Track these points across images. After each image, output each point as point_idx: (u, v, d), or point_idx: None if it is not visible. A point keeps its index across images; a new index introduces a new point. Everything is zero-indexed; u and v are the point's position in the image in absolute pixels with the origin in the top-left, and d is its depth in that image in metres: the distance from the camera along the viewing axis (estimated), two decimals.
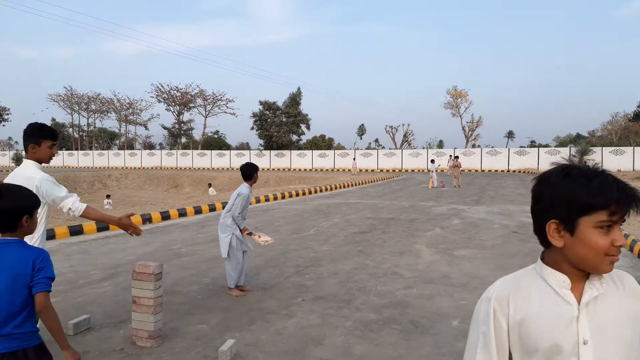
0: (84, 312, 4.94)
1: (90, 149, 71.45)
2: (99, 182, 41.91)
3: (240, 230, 5.75)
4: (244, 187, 5.76)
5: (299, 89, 56.64)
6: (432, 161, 25.58)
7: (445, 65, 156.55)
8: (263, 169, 51.89)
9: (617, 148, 41.59)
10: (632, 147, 42.13)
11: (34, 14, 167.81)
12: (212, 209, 14.75)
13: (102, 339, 4.31)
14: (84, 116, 73.23)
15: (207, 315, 4.96)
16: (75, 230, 10.08)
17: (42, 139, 3.26)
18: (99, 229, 10.57)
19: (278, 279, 6.45)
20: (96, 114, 72.79)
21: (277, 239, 9.47)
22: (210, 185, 30.47)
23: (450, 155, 38.46)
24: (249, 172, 5.79)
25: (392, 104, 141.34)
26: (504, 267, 7.05)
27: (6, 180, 3.02)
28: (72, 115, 72.63)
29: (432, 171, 24.40)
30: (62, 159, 64.69)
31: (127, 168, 57.06)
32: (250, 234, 5.84)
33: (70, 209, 3.24)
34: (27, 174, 3.16)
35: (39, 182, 3.13)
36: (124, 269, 6.94)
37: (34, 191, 2.95)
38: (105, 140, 77.63)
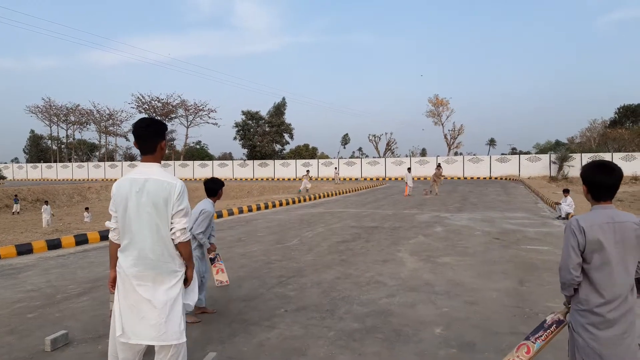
0: (62, 327, 4.83)
1: (70, 161, 70.42)
2: (78, 194, 41.27)
3: (207, 249, 5.36)
4: (207, 203, 5.24)
5: (283, 99, 56.90)
6: (409, 170, 26.14)
7: (427, 74, 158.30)
8: (246, 179, 51.71)
9: (596, 154, 42.38)
10: (610, 153, 42.99)
11: (10, 24, 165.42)
12: None
13: (80, 354, 4.21)
14: (63, 128, 72.29)
15: (188, 329, 4.85)
16: (54, 244, 9.88)
17: (165, 135, 2.96)
18: (78, 243, 10.38)
19: (260, 289, 6.39)
20: (75, 126, 71.87)
21: (260, 249, 9.41)
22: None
23: (439, 164, 38.82)
24: (214, 187, 5.28)
25: (375, 113, 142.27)
26: (486, 274, 7.09)
27: (125, 186, 2.79)
28: (50, 127, 71.74)
29: (408, 179, 24.95)
30: (41, 171, 63.63)
31: (107, 180, 56.32)
32: (213, 259, 5.59)
33: (184, 229, 2.85)
34: (166, 179, 2.81)
35: (182, 187, 2.82)
36: (103, 282, 6.81)
37: (174, 197, 2.77)
38: (85, 152, 76.63)
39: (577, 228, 2.48)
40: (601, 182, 2.53)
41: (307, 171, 33.25)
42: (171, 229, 2.83)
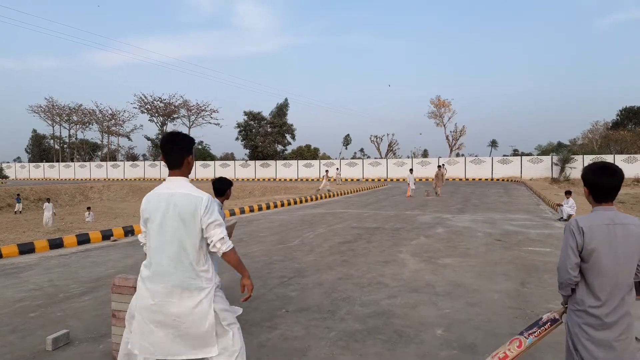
0: (63, 326, 4.84)
1: (72, 160, 70.54)
2: (80, 194, 41.35)
3: None
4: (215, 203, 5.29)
5: (286, 99, 56.88)
6: (411, 171, 26.14)
7: (429, 75, 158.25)
8: (248, 179, 51.74)
9: (598, 156, 42.29)
10: (612, 155, 42.93)
11: (13, 24, 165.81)
12: None
13: (82, 354, 4.22)
14: (65, 127, 72.40)
15: None
16: (55, 244, 9.91)
17: (193, 149, 2.93)
18: (80, 242, 10.40)
19: (262, 290, 6.40)
20: (78, 126, 71.98)
21: (262, 250, 9.42)
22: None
23: (443, 165, 38.94)
24: (222, 187, 5.19)
25: (377, 113, 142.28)
26: (487, 275, 7.09)
27: (152, 201, 2.79)
28: (53, 127, 71.81)
29: (410, 180, 24.95)
30: (43, 171, 63.75)
31: (109, 180, 56.43)
32: None
33: (222, 238, 2.80)
34: (192, 192, 2.78)
35: (208, 200, 2.78)
36: (105, 282, 6.83)
37: (202, 211, 2.74)
38: (87, 151, 76.74)
39: (577, 228, 2.49)
40: (602, 184, 2.54)
41: (327, 171, 34.08)
42: (209, 244, 2.80)
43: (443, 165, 38.68)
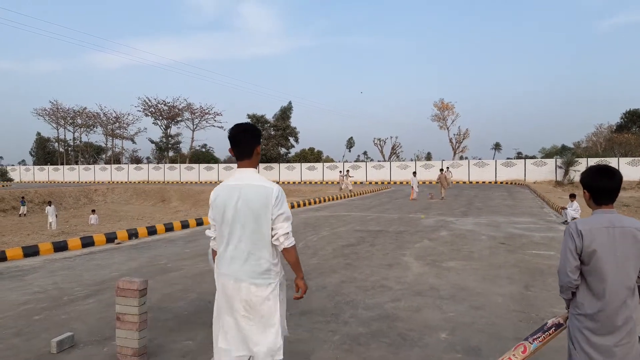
0: (68, 329, 4.85)
1: (76, 163, 70.77)
2: (84, 197, 41.47)
3: None
4: None
5: (289, 102, 57.06)
6: (414, 174, 26.18)
7: (432, 78, 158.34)
8: None
9: (602, 159, 42.17)
10: (616, 158, 42.79)
11: (16, 27, 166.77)
12: (200, 223, 14.64)
13: (86, 357, 4.23)
14: (69, 130, 72.70)
15: (193, 332, 4.89)
16: (60, 246, 9.93)
17: (260, 140, 2.91)
18: (84, 245, 10.43)
19: None
20: (82, 128, 72.26)
21: None
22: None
23: (448, 168, 38.96)
24: None
25: (380, 116, 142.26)
26: (491, 279, 7.07)
27: (222, 194, 2.76)
28: (57, 130, 72.09)
29: (414, 183, 25.00)
30: (47, 173, 64.00)
31: (113, 182, 56.58)
32: None
33: (287, 233, 2.76)
34: (263, 184, 2.73)
35: (279, 192, 2.73)
36: (109, 285, 6.84)
37: (273, 202, 2.69)
38: (92, 154, 76.96)
39: (575, 231, 2.49)
40: (602, 187, 2.53)
41: (347, 171, 34.90)
42: (274, 236, 2.75)
43: (448, 168, 38.65)
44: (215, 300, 2.92)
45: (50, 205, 23.69)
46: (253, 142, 2.81)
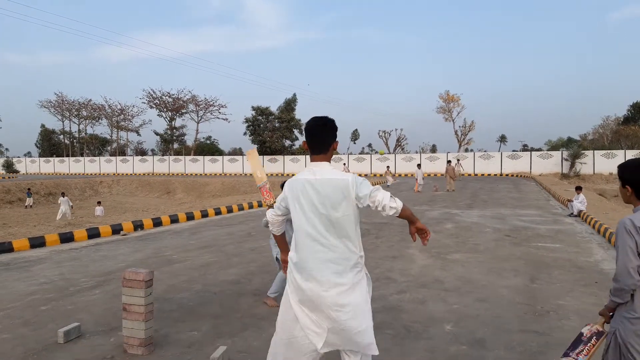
0: (74, 320, 4.89)
1: (82, 155, 71.02)
2: (90, 188, 41.66)
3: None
4: None
5: (294, 94, 56.80)
6: (419, 166, 26.15)
7: (438, 70, 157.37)
8: None
9: (609, 151, 41.89)
10: (623, 151, 42.48)
11: (23, 19, 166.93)
12: (205, 215, 14.68)
13: (93, 347, 4.26)
14: (75, 122, 72.83)
15: (199, 322, 4.92)
16: (66, 238, 9.99)
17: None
18: (90, 236, 10.49)
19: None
20: (87, 120, 72.40)
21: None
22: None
23: (458, 160, 38.87)
24: None
25: (385, 108, 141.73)
26: (496, 271, 7.06)
27: (296, 187, 2.68)
28: (62, 122, 72.26)
29: (419, 176, 24.97)
30: (53, 165, 64.28)
31: (118, 174, 56.78)
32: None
33: (388, 206, 2.63)
34: (338, 177, 2.62)
35: (355, 179, 2.61)
36: (115, 276, 6.89)
37: (352, 188, 2.59)
38: (97, 146, 77.19)
39: (633, 228, 2.31)
40: None
41: (387, 167, 35.88)
42: (381, 209, 2.65)
43: (459, 161, 38.60)
44: (288, 290, 2.82)
45: (63, 196, 23.74)
46: (331, 137, 2.75)
